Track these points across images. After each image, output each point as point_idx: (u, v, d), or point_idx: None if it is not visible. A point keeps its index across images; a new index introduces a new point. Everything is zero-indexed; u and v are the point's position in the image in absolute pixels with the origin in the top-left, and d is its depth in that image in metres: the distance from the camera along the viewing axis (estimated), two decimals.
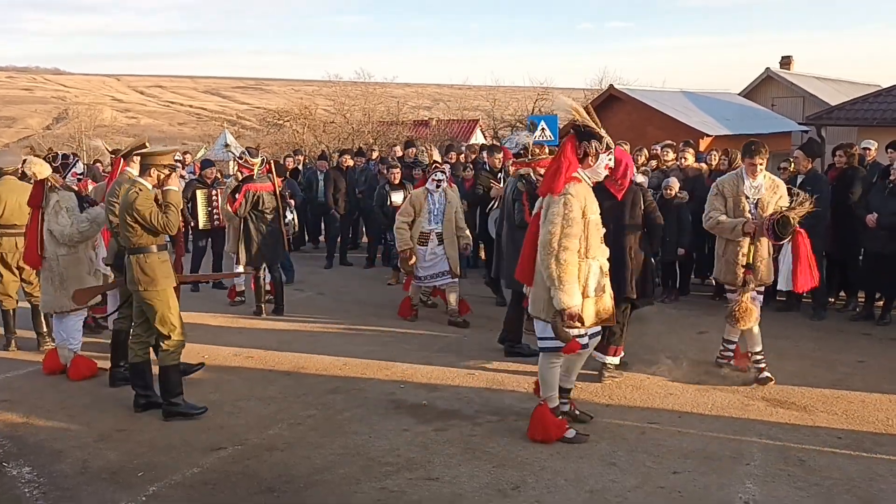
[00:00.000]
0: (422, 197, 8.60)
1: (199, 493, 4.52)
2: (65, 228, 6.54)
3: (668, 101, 22.24)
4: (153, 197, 5.60)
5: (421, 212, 8.54)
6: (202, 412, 5.69)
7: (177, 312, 5.71)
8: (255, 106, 77.42)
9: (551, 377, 5.15)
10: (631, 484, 4.49)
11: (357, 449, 5.08)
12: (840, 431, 5.22)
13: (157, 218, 5.48)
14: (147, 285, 5.58)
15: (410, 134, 27.99)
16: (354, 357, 7.16)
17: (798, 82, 27.70)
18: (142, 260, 5.57)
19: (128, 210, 5.51)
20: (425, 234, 8.50)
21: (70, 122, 54.57)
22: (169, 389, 5.69)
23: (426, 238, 8.50)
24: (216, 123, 49.05)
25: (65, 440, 5.33)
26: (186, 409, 5.69)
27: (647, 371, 6.52)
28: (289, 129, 32.98)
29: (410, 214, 8.53)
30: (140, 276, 5.57)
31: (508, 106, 36.00)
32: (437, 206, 8.54)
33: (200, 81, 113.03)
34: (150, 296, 5.60)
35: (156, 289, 5.59)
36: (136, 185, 5.61)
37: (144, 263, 5.56)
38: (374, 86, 34.79)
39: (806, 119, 21.40)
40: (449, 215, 8.56)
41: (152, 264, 5.58)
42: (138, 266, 5.57)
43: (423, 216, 8.53)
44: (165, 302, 5.63)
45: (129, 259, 5.65)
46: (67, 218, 6.54)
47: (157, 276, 5.59)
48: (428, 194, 8.59)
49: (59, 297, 6.68)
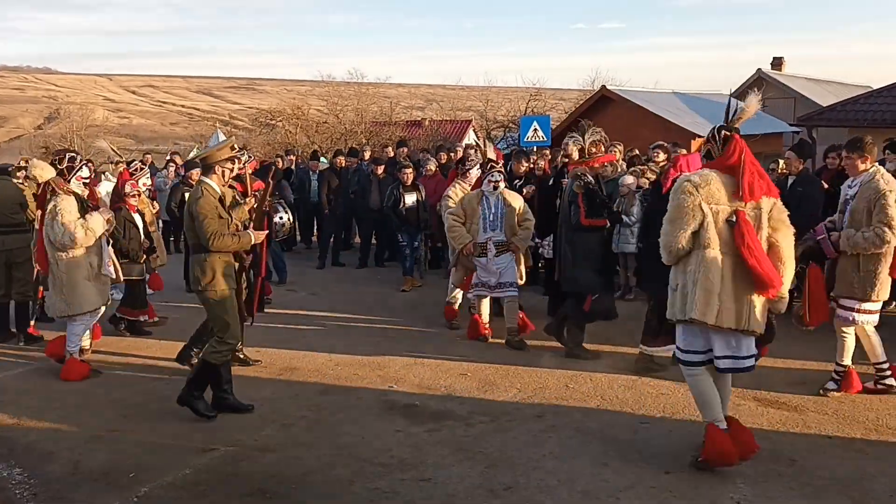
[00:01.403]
0: (474, 201, 7.53)
1: (190, 494, 4.51)
2: (57, 235, 6.48)
3: (660, 102, 22.30)
4: (219, 197, 5.67)
5: (473, 218, 7.46)
6: (213, 418, 5.67)
7: (235, 315, 5.75)
8: (247, 106, 77.33)
9: (705, 392, 4.61)
10: (623, 484, 4.49)
11: (349, 450, 5.08)
12: (831, 431, 5.24)
13: (209, 228, 5.49)
14: (207, 286, 5.61)
15: (403, 134, 27.97)
16: (347, 357, 7.15)
17: (789, 83, 27.84)
18: (202, 260, 5.60)
19: (189, 210, 5.60)
20: (481, 244, 7.47)
21: (61, 121, 54.37)
22: (198, 383, 5.69)
23: (483, 249, 7.47)
24: (208, 123, 48.92)
25: (55, 441, 5.30)
26: (201, 409, 5.68)
27: (638, 371, 6.54)
28: (281, 130, 32.90)
29: (460, 218, 7.59)
30: (200, 276, 5.61)
31: (501, 106, 35.96)
32: (493, 210, 7.45)
33: (193, 81, 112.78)
34: (208, 297, 5.64)
35: (215, 289, 5.62)
36: (202, 184, 5.67)
37: (205, 264, 5.59)
38: (366, 86, 34.73)
39: (797, 120, 21.48)
40: (510, 222, 7.47)
41: (212, 265, 5.61)
42: (199, 267, 5.61)
43: (476, 223, 7.46)
44: (224, 304, 5.66)
45: (191, 258, 5.72)
46: (60, 225, 6.45)
47: (217, 278, 5.62)
48: (483, 197, 7.52)
49: (60, 302, 6.61)
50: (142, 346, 7.70)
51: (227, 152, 5.80)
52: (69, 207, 6.52)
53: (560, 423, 5.47)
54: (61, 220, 6.45)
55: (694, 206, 4.39)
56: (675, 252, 4.48)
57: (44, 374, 6.81)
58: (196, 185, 5.81)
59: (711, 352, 4.52)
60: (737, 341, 4.45)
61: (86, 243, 6.55)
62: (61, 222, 6.45)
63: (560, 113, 31.06)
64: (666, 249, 4.51)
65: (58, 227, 6.47)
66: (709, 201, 4.39)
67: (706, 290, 4.36)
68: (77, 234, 6.46)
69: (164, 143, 54.16)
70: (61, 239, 6.47)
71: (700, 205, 4.38)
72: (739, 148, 4.50)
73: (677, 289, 4.54)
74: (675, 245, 4.44)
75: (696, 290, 4.38)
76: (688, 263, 4.47)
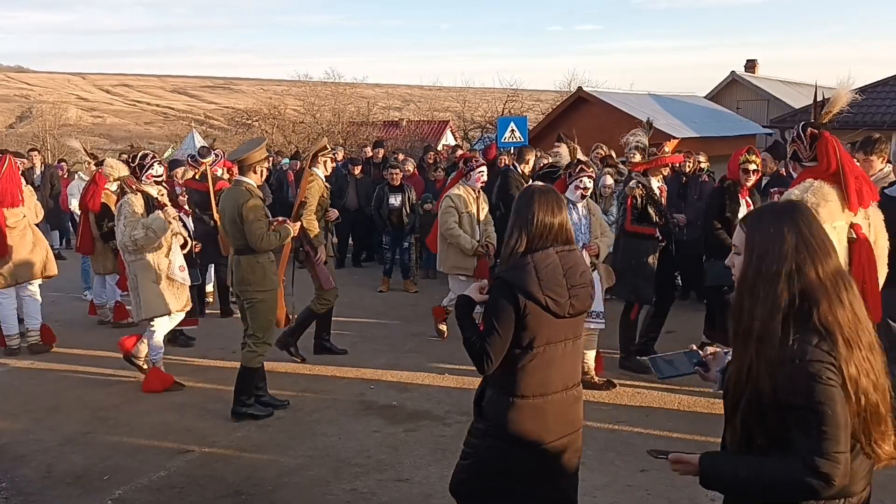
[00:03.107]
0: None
1: (165, 497, 4.47)
2: (118, 234, 6.29)
3: (636, 104, 22.45)
4: (262, 198, 5.70)
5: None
6: (269, 415, 5.68)
7: (274, 317, 5.74)
8: (223, 105, 76.68)
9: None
10: (599, 482, 4.52)
11: (326, 450, 5.07)
12: None
13: (258, 229, 5.49)
14: (257, 286, 5.60)
15: (380, 135, 27.93)
16: (324, 357, 7.13)
17: (763, 86, 28.15)
18: (252, 261, 5.59)
19: (238, 212, 5.55)
20: None
21: (34, 120, 53.60)
22: (244, 389, 5.67)
23: None
24: (184, 123, 48.52)
25: (28, 444, 5.24)
26: (257, 412, 5.68)
27: (617, 371, 6.58)
28: (258, 129, 32.70)
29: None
30: (250, 276, 5.60)
31: (479, 107, 36.01)
32: (581, 222, 6.12)
33: (168, 80, 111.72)
34: (257, 297, 5.62)
35: (264, 290, 5.61)
36: (242, 184, 5.64)
37: (255, 264, 5.59)
38: (343, 86, 34.58)
39: (770, 122, 21.74)
40: (595, 233, 6.21)
41: (263, 265, 5.62)
42: (248, 267, 5.59)
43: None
44: (270, 304, 5.66)
45: (238, 259, 5.67)
46: (123, 225, 6.21)
47: (266, 278, 5.62)
48: (569, 207, 5.93)
49: (133, 306, 6.45)
50: (114, 347, 7.61)
51: (264, 153, 5.83)
52: (134, 207, 6.26)
53: None
54: (123, 220, 6.22)
55: None
56: None
57: (17, 376, 6.73)
58: (236, 187, 5.72)
59: None
60: None
61: (147, 244, 6.20)
62: (123, 222, 6.22)
63: (537, 114, 31.15)
64: None
65: (121, 226, 6.24)
66: (829, 220, 3.73)
67: None
68: (137, 235, 6.14)
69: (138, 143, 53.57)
70: (122, 239, 6.22)
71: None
72: (833, 148, 3.95)
73: None
74: None
75: None
76: None
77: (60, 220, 14.01)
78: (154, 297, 6.28)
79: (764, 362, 1.97)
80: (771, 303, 1.99)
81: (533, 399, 2.82)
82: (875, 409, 1.95)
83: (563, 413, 2.88)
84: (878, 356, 2.01)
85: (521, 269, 2.78)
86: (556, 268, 2.80)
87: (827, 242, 2.05)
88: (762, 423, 2.00)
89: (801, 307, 1.97)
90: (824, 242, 2.04)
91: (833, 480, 1.89)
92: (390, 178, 10.62)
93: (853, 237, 3.83)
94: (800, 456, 1.91)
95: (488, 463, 2.88)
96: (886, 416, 1.96)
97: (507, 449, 2.82)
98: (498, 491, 2.86)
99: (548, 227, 2.85)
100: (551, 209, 2.87)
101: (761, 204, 5.09)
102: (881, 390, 1.98)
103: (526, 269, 2.77)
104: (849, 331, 1.95)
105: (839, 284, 2.00)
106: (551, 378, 2.84)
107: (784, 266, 2.00)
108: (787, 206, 2.18)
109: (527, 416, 2.81)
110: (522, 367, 2.81)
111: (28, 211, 7.53)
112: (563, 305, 2.79)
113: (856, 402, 1.92)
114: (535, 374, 2.81)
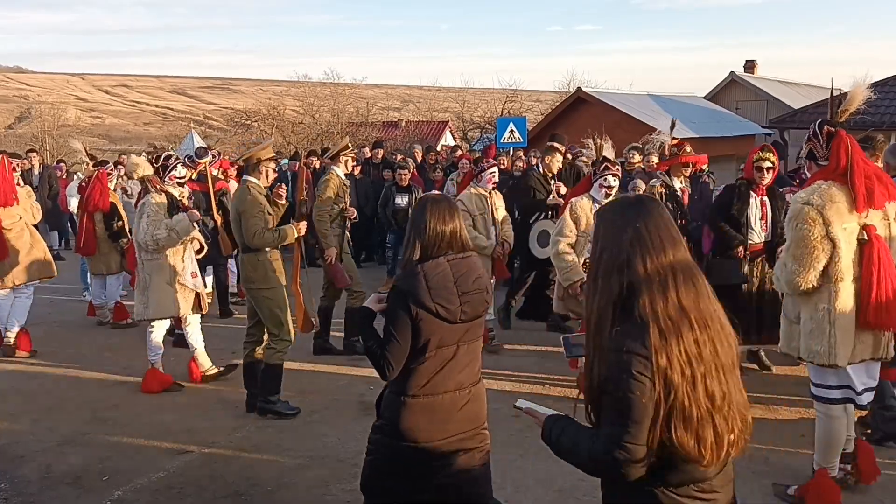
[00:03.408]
0: (587, 209, 5.99)
1: (164, 498, 4.47)
2: (140, 234, 6.22)
3: (635, 104, 22.48)
4: (265, 196, 5.69)
5: (586, 230, 5.89)
6: (296, 413, 5.71)
7: (287, 312, 5.74)
8: (222, 106, 76.65)
9: (839, 436, 4.08)
10: (598, 482, 4.50)
11: (326, 451, 5.06)
12: (804, 429, 5.30)
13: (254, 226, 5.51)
14: (259, 284, 5.62)
15: (380, 135, 27.92)
16: (323, 358, 7.12)
17: (762, 86, 28.19)
18: (253, 259, 5.61)
19: (235, 209, 5.61)
20: None
21: (33, 121, 53.59)
22: (269, 388, 5.69)
23: None
24: (183, 124, 48.51)
25: (27, 445, 5.23)
26: (282, 409, 5.70)
27: None
28: (257, 130, 32.71)
29: (572, 234, 6.01)
30: (252, 274, 5.63)
31: (478, 108, 36.01)
32: None
33: (167, 81, 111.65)
34: (261, 294, 5.63)
35: (268, 287, 5.62)
36: (246, 183, 5.67)
37: (256, 262, 5.61)
38: (343, 86, 34.57)
39: (769, 122, 21.75)
40: None
41: (264, 263, 5.62)
42: (250, 265, 5.63)
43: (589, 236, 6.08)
44: (276, 301, 5.65)
45: (241, 257, 5.73)
46: (146, 224, 6.18)
47: (268, 276, 5.62)
48: (594, 206, 5.94)
49: (139, 303, 6.39)
50: (114, 348, 7.62)
51: (270, 152, 5.85)
52: (157, 207, 6.24)
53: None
54: (146, 220, 6.18)
55: (821, 238, 3.76)
56: (802, 290, 3.86)
57: (16, 377, 6.72)
58: (241, 186, 5.79)
59: (847, 388, 3.98)
60: (871, 370, 4.01)
61: (169, 245, 6.20)
62: (146, 221, 6.18)
63: (536, 115, 31.15)
64: (791, 286, 3.90)
65: (143, 225, 6.19)
66: (838, 222, 3.76)
67: (844, 330, 3.83)
68: (159, 235, 6.12)
69: (137, 144, 53.53)
70: (143, 238, 6.17)
71: (828, 234, 3.76)
72: (845, 146, 3.85)
73: (799, 322, 3.99)
74: (804, 285, 3.82)
75: (833, 331, 3.82)
76: (818, 299, 3.88)
77: (59, 220, 14.00)
78: (165, 298, 6.29)
79: (597, 350, 2.08)
80: (606, 294, 2.07)
81: (424, 398, 2.93)
82: (682, 404, 1.96)
83: (457, 412, 2.98)
84: (722, 357, 2.03)
85: (412, 278, 2.88)
86: (446, 276, 2.90)
87: (665, 237, 2.07)
88: (595, 404, 2.14)
89: (627, 299, 2.04)
90: (660, 237, 2.07)
91: (621, 467, 2.00)
92: (399, 179, 10.65)
93: (864, 238, 3.79)
94: (600, 438, 2.05)
95: (385, 461, 2.98)
96: (702, 416, 1.97)
97: (399, 445, 2.93)
98: (395, 490, 2.94)
99: (440, 236, 2.95)
100: (443, 217, 2.96)
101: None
102: (706, 392, 1.99)
103: (417, 278, 2.87)
104: (666, 324, 1.98)
105: (669, 278, 2.03)
106: (443, 379, 2.95)
107: (619, 258, 2.07)
108: (633, 199, 2.23)
109: (417, 414, 2.92)
110: (414, 368, 2.92)
111: (24, 212, 7.47)
112: (454, 312, 2.89)
113: (664, 395, 1.96)
114: (425, 374, 2.93)
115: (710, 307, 2.06)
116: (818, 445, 4.13)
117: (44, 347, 7.52)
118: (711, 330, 2.03)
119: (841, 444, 4.09)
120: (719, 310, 2.08)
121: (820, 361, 3.88)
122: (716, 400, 2.00)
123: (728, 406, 2.01)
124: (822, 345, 3.85)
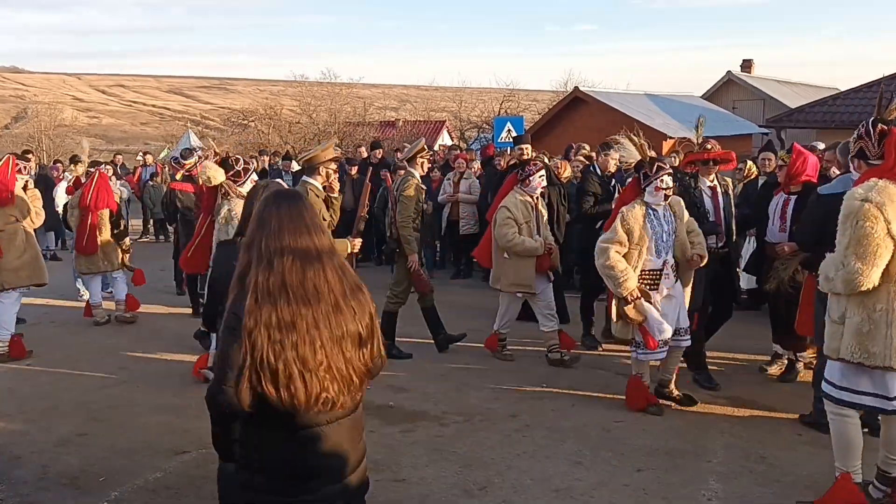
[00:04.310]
0: (640, 217, 5.43)
1: (161, 498, 4.46)
2: (224, 236, 5.93)
3: (632, 104, 22.48)
4: (323, 197, 5.73)
5: (641, 241, 5.41)
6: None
7: None
8: (219, 106, 76.54)
9: (853, 439, 4.01)
10: (596, 482, 4.52)
11: None
12: (801, 429, 5.31)
13: None
14: None
15: (377, 135, 27.91)
16: None
17: (758, 85, 28.24)
18: None
19: None
20: (654, 272, 5.49)
21: (29, 121, 53.53)
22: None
23: (656, 278, 5.49)
24: (179, 123, 48.51)
25: (23, 445, 5.22)
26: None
27: (613, 370, 6.58)
28: (254, 130, 32.71)
29: (624, 244, 5.42)
30: None
31: (475, 107, 36.00)
32: (666, 227, 5.49)
33: (164, 81, 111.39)
34: None
35: None
36: (305, 185, 5.70)
37: None
38: (340, 86, 34.53)
39: (766, 121, 21.78)
40: (682, 238, 5.59)
41: None
42: None
43: (646, 245, 5.42)
44: None
45: None
46: (232, 227, 5.88)
47: None
48: (648, 212, 5.45)
49: None
50: (110, 348, 7.61)
51: (331, 153, 5.82)
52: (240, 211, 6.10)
53: (534, 422, 5.48)
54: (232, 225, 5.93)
55: (883, 236, 3.66)
56: (860, 289, 3.73)
57: (12, 377, 6.70)
58: (301, 187, 5.76)
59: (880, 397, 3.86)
60: None
61: None
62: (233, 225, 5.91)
63: (533, 114, 31.13)
64: (851, 286, 3.74)
65: (228, 229, 5.95)
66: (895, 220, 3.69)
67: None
68: None
69: (134, 143, 53.54)
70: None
71: (890, 231, 3.67)
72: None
73: (846, 322, 3.86)
74: (867, 285, 3.69)
75: (890, 332, 3.72)
76: (876, 300, 3.76)
77: (55, 221, 13.94)
78: None
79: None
80: (239, 265, 2.52)
81: None
82: (267, 362, 2.35)
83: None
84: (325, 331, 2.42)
85: None
86: None
87: (286, 225, 2.46)
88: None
89: (246, 271, 2.48)
90: (280, 225, 2.46)
91: (213, 406, 2.45)
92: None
93: None
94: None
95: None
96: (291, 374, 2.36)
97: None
98: None
99: None
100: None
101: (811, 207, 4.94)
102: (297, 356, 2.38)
103: None
104: (262, 292, 2.39)
105: (276, 258, 2.42)
106: None
107: (247, 239, 2.55)
108: (281, 192, 2.69)
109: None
110: None
111: (19, 213, 7.31)
112: None
113: (250, 350, 2.36)
114: None
115: (324, 288, 2.44)
116: (836, 449, 4.05)
117: (40, 348, 7.50)
118: (317, 308, 2.42)
119: (860, 445, 4.01)
120: (353, 293, 2.51)
121: (874, 363, 3.75)
122: (308, 363, 2.39)
123: (324, 370, 2.41)
124: (878, 346, 3.74)
